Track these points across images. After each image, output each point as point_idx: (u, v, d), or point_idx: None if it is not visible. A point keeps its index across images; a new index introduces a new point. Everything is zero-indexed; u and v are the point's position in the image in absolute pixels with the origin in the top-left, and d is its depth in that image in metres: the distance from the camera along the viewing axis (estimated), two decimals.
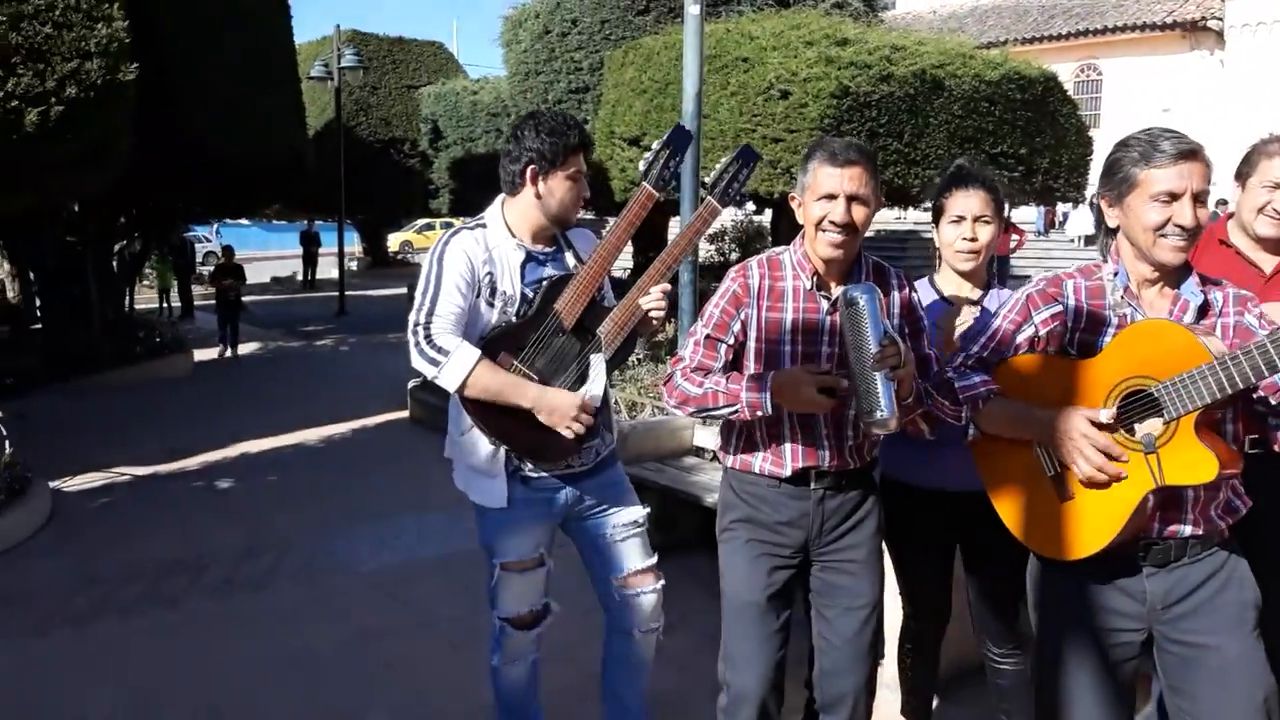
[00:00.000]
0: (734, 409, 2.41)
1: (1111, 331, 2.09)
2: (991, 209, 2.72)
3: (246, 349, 13.53)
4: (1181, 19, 24.92)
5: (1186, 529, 2.06)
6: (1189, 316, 2.06)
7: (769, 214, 15.20)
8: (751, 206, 16.19)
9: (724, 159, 2.60)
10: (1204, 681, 2.05)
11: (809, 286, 2.46)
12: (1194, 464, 1.92)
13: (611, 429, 2.92)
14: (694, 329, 2.57)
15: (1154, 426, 1.96)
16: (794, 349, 2.45)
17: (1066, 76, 20.73)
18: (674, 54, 10.56)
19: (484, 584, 2.87)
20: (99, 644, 4.18)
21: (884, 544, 2.78)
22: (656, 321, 2.72)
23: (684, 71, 6.31)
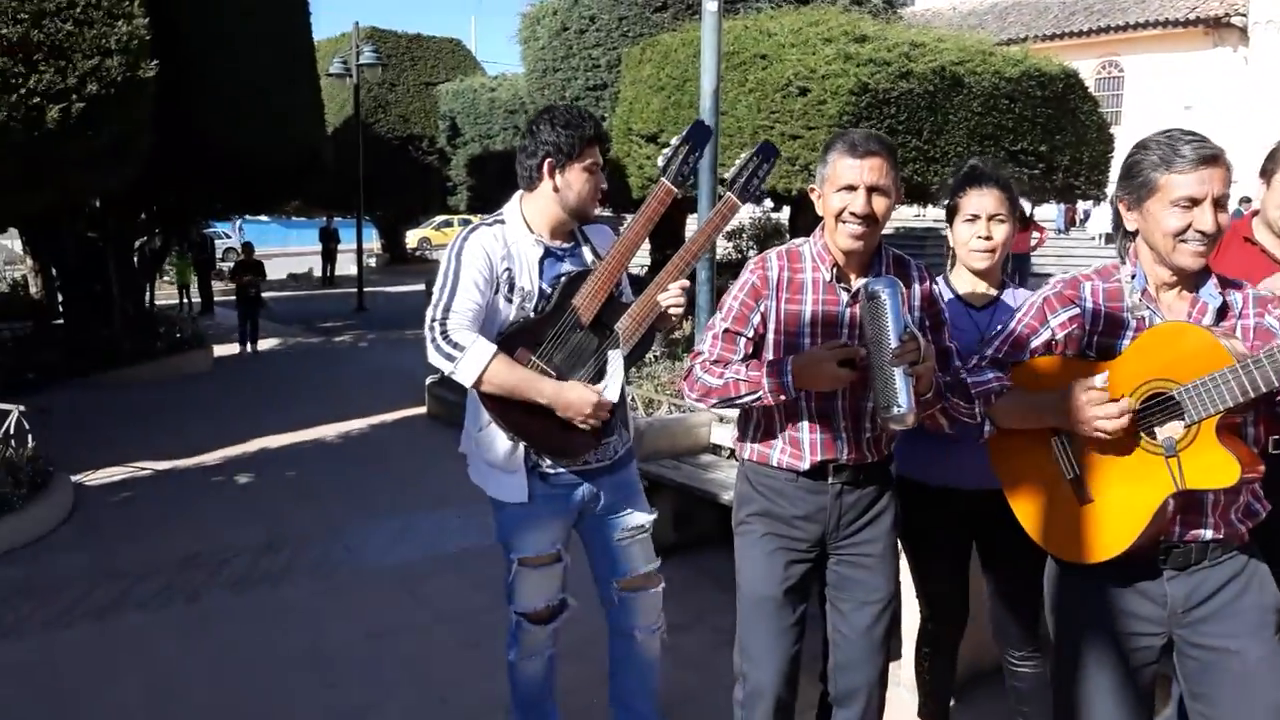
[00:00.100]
0: (756, 395, 2.39)
1: (1130, 334, 2.07)
2: (1006, 207, 2.70)
3: (266, 345, 13.61)
4: (1205, 15, 24.65)
5: (1207, 533, 2.04)
6: (1208, 319, 2.04)
7: (787, 211, 15.15)
8: (769, 204, 16.15)
9: (744, 154, 2.59)
10: (1224, 686, 2.03)
11: (828, 278, 2.44)
12: (1215, 468, 1.90)
13: (629, 426, 2.92)
14: (712, 322, 2.55)
15: (1175, 430, 1.94)
16: (813, 341, 2.43)
17: (1088, 73, 20.57)
18: (692, 51, 10.55)
19: (500, 579, 2.87)
20: (119, 637, 4.22)
21: (900, 542, 2.77)
22: (675, 318, 2.71)
23: (701, 68, 6.29)
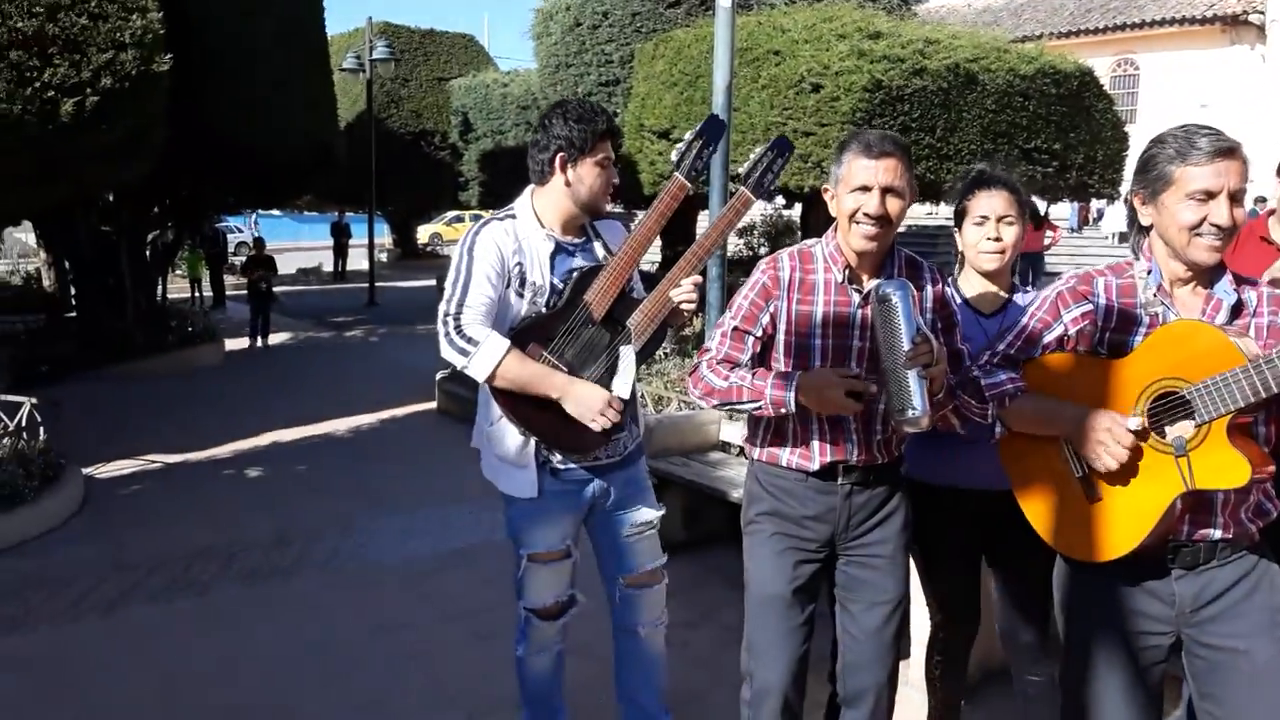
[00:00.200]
0: (757, 405, 2.39)
1: (1143, 331, 2.05)
2: (1015, 209, 2.68)
3: (277, 339, 13.64)
4: (1222, 13, 24.49)
5: (1216, 532, 2.03)
6: (1222, 316, 2.02)
7: (799, 208, 15.12)
8: (781, 201, 16.11)
9: (758, 149, 2.57)
10: (1233, 686, 2.03)
11: (840, 279, 2.43)
12: (1225, 468, 1.89)
13: (639, 422, 2.91)
14: (721, 321, 2.54)
15: (1185, 429, 1.93)
16: (824, 343, 2.42)
17: (1103, 71, 20.43)
18: (705, 47, 10.52)
19: (509, 575, 2.87)
20: (129, 629, 4.23)
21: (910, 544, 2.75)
22: (687, 313, 2.70)
23: (715, 64, 6.26)
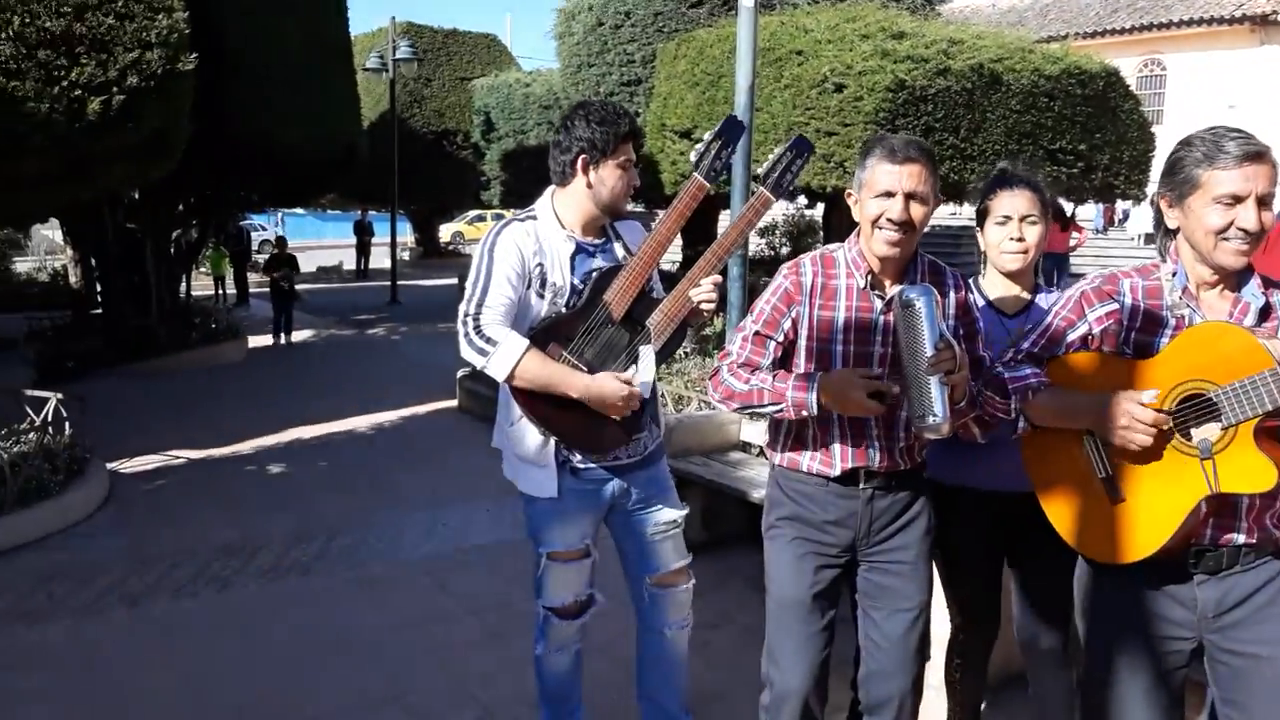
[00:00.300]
0: (779, 408, 2.38)
1: (1169, 333, 2.04)
2: (1038, 208, 2.66)
3: (300, 336, 13.73)
4: (1251, 12, 24.20)
5: (1240, 537, 2.01)
6: (1250, 319, 2.00)
7: (821, 208, 15.07)
8: (803, 200, 16.06)
9: (777, 149, 2.57)
10: (1257, 693, 2.00)
11: (863, 285, 2.42)
12: (1251, 472, 1.88)
13: (659, 422, 2.91)
14: (743, 324, 2.54)
15: (1211, 432, 1.91)
16: (846, 348, 2.41)
17: (1129, 71, 20.25)
18: (727, 47, 10.51)
19: (529, 573, 2.87)
20: (152, 623, 4.27)
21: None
22: (706, 313, 2.70)
23: (737, 64, 6.25)
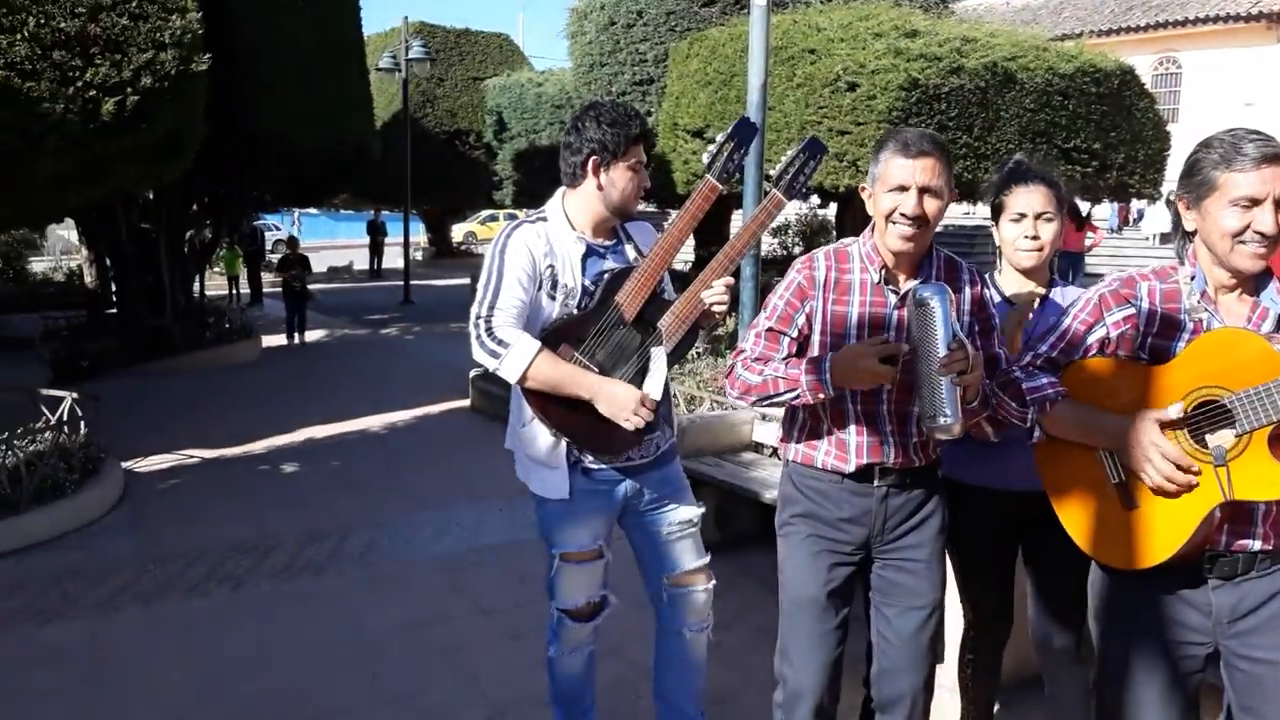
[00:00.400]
0: (795, 393, 2.36)
1: (1186, 337, 2.02)
2: (1054, 205, 2.64)
3: (313, 336, 13.77)
4: (1267, 10, 24.03)
5: (1255, 543, 2.00)
6: (1268, 325, 1.99)
7: (834, 208, 15.03)
8: (816, 200, 16.02)
9: (790, 150, 2.55)
10: (1273, 700, 1.99)
11: (877, 280, 2.41)
12: (1266, 479, 1.86)
13: (672, 423, 2.90)
14: (756, 321, 2.53)
15: (1225, 438, 1.90)
16: (861, 341, 2.40)
17: (1144, 69, 20.12)
18: (739, 45, 10.49)
19: (542, 574, 2.87)
20: (166, 621, 4.28)
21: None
22: (718, 315, 2.69)
23: (749, 63, 6.23)
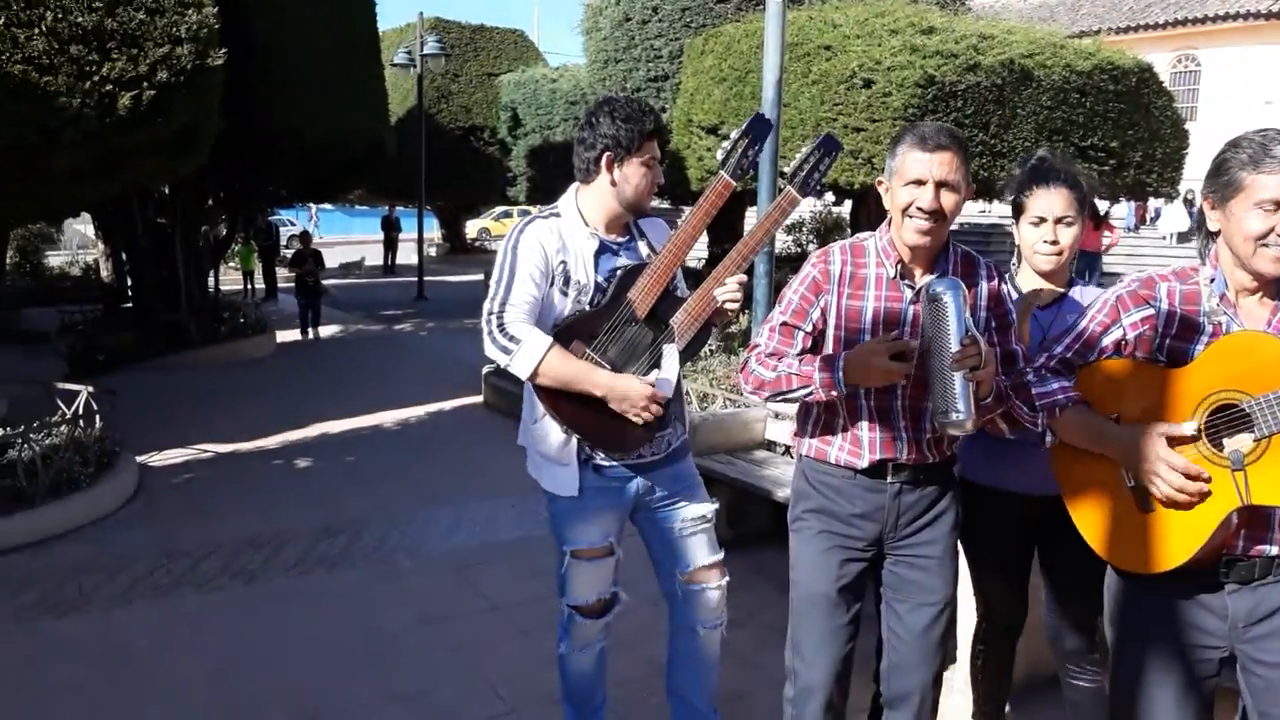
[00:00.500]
0: (808, 390, 2.36)
1: (1205, 340, 2.00)
2: (1075, 208, 2.62)
3: (327, 331, 13.81)
4: None
5: (1273, 548, 1.97)
6: None
7: (848, 205, 14.99)
8: (831, 197, 15.99)
9: (805, 147, 2.54)
10: None
11: (892, 275, 2.39)
12: None
13: (684, 420, 2.89)
14: (771, 316, 2.52)
15: (1243, 443, 1.88)
16: (874, 338, 2.38)
17: (1163, 67, 20.01)
18: (754, 42, 10.46)
19: (553, 570, 2.87)
20: (179, 616, 4.30)
21: (959, 542, 2.71)
22: (731, 312, 2.68)
23: (764, 59, 6.21)
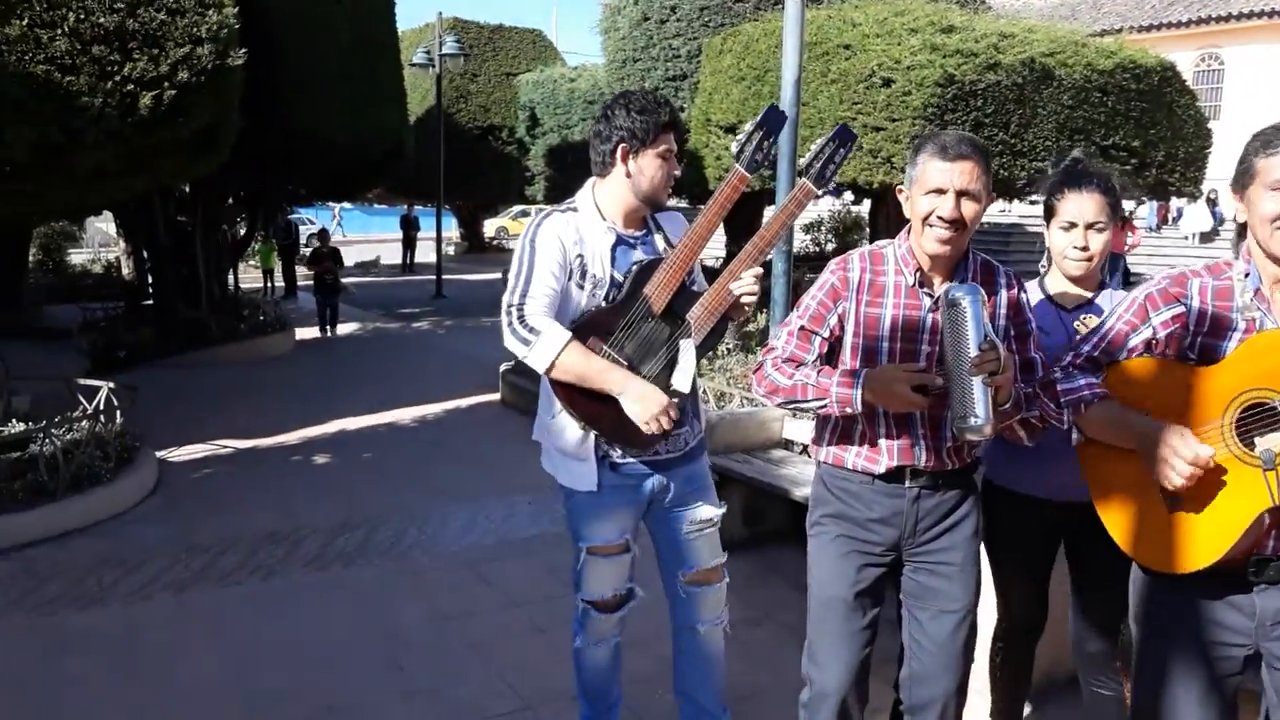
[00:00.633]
0: (822, 403, 2.36)
1: (1237, 336, 1.97)
2: (1106, 213, 2.59)
3: (346, 329, 13.88)
4: None
5: None
6: None
7: (867, 204, 14.93)
8: (850, 196, 15.94)
9: (819, 139, 2.53)
10: None
11: (911, 283, 2.38)
12: None
13: (700, 417, 2.88)
14: (789, 319, 2.51)
15: (1275, 442, 1.85)
16: (892, 346, 2.38)
17: (1186, 66, 19.83)
18: (773, 41, 10.44)
19: (569, 567, 2.87)
20: (198, 609, 4.33)
21: (982, 545, 2.69)
22: (748, 307, 2.67)
23: (783, 58, 6.19)
